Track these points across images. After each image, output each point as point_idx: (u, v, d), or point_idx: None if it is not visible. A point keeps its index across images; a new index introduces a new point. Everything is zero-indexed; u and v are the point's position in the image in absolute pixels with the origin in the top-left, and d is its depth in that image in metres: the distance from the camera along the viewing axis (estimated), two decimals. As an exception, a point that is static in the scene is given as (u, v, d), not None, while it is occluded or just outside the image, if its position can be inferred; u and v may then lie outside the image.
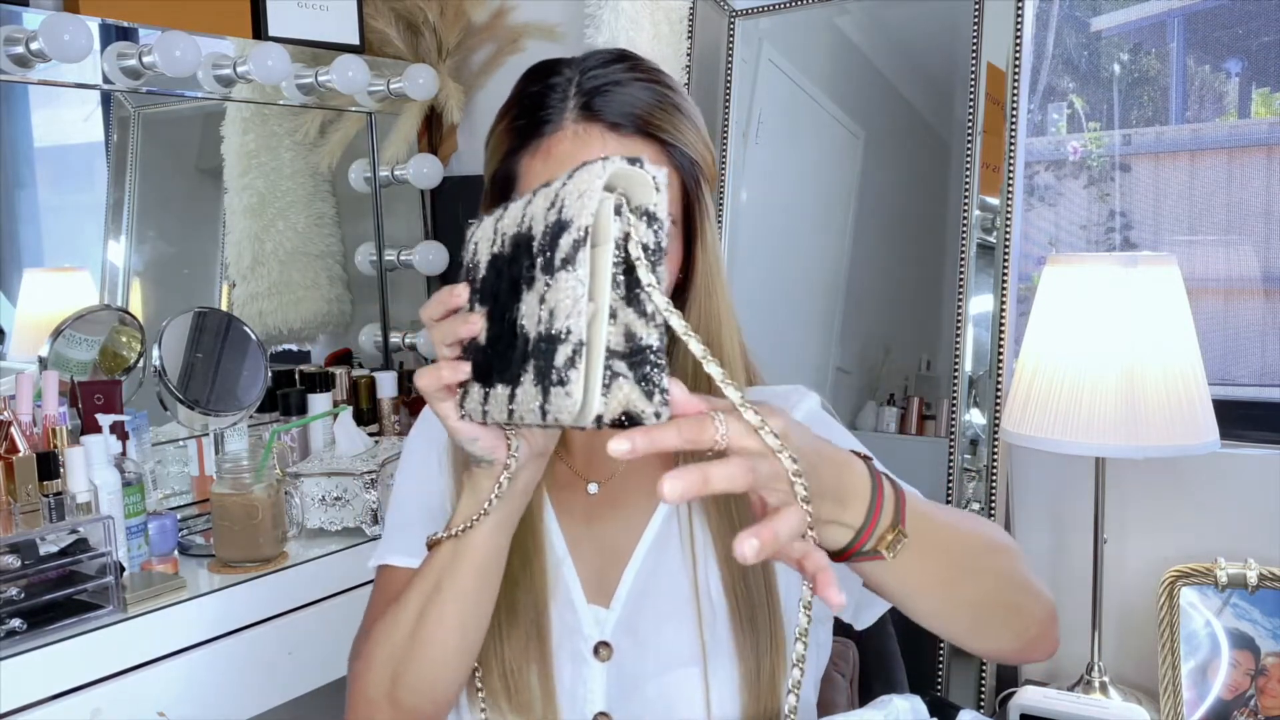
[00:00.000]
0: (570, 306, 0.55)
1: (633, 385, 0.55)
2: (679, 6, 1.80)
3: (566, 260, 0.56)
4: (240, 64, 1.67)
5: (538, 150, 0.83)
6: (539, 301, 0.58)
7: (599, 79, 0.83)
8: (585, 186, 0.56)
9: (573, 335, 0.55)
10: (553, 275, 0.57)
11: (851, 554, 0.67)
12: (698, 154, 0.85)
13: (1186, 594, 1.37)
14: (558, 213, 0.57)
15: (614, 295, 0.56)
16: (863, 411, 1.71)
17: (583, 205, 0.56)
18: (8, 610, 1.17)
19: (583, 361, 0.55)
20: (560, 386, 0.55)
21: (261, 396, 1.68)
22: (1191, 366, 1.33)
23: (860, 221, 1.75)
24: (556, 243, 0.57)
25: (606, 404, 0.55)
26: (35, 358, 1.49)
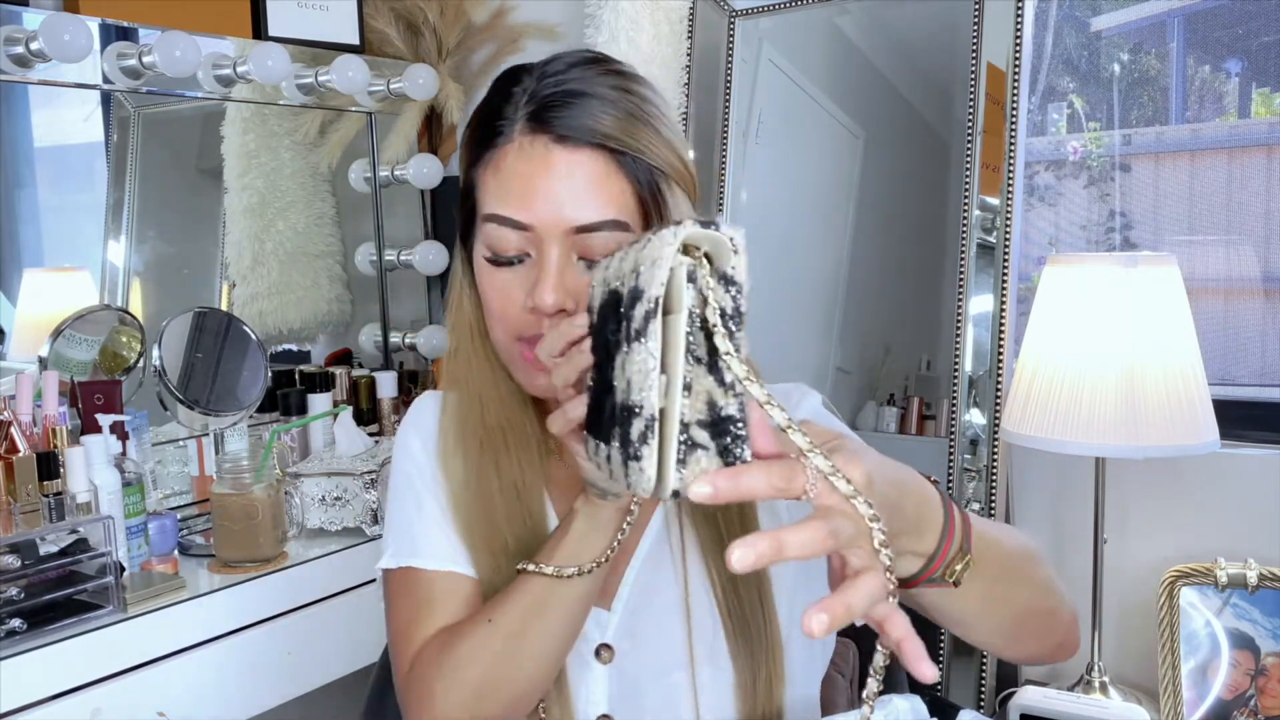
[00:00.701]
0: (642, 380, 0.54)
1: (711, 457, 0.54)
2: (679, 6, 1.80)
3: (639, 331, 0.54)
4: (240, 64, 1.67)
5: (489, 163, 0.83)
6: (622, 368, 0.57)
7: (553, 87, 0.81)
8: (658, 254, 0.54)
9: (645, 410, 0.54)
10: (629, 345, 0.56)
11: (920, 582, 0.66)
12: (659, 159, 0.82)
13: (1186, 594, 1.37)
14: (635, 278, 0.56)
15: (689, 365, 0.54)
16: (863, 411, 1.71)
17: (654, 274, 0.54)
18: (8, 610, 1.17)
19: (654, 438, 0.54)
20: (635, 461, 0.55)
21: (261, 396, 1.68)
22: (1191, 366, 1.33)
23: (860, 221, 1.75)
24: (632, 311, 0.56)
25: (683, 478, 0.54)
26: (35, 358, 1.49)
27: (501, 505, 0.88)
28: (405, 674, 0.86)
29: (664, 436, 0.54)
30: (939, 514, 0.65)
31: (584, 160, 0.80)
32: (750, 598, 0.86)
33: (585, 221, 0.79)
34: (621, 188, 0.80)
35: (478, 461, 0.89)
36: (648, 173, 0.81)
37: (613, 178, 0.80)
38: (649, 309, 0.54)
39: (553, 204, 0.79)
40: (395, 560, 0.90)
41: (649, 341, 0.54)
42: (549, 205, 0.79)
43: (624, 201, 0.81)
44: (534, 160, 0.80)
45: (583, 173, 0.79)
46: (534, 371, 0.83)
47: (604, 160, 0.80)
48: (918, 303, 1.69)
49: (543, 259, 0.80)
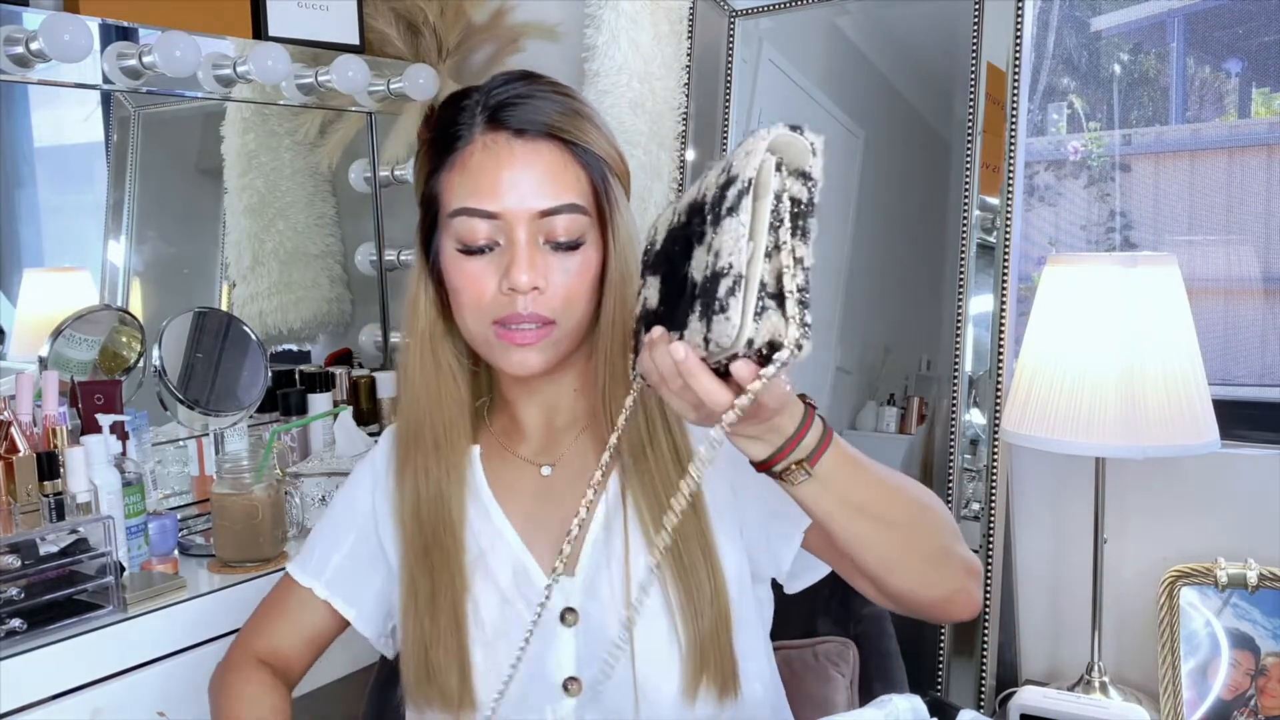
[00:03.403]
0: (732, 245, 0.64)
1: (780, 317, 0.64)
2: (679, 6, 1.80)
3: (732, 208, 0.64)
4: (240, 64, 1.67)
5: (454, 165, 0.91)
6: (707, 250, 0.66)
7: (502, 95, 0.91)
8: (751, 147, 0.64)
9: (734, 269, 0.64)
10: (719, 224, 0.65)
11: (764, 469, 0.76)
12: (604, 152, 0.92)
13: (1186, 594, 1.38)
14: (726, 173, 0.66)
15: (770, 239, 0.64)
16: (863, 411, 1.71)
17: (748, 161, 0.64)
18: (8, 610, 1.17)
19: (741, 291, 0.63)
20: (722, 314, 0.64)
21: (261, 396, 1.68)
22: (1191, 366, 1.33)
23: (860, 221, 1.75)
24: (724, 194, 0.65)
25: (758, 329, 0.64)
26: (35, 358, 1.49)
27: (425, 512, 0.97)
28: (224, 659, 1.06)
29: (746, 294, 0.64)
30: (792, 422, 0.75)
31: (542, 150, 0.89)
32: (692, 551, 0.91)
33: (548, 205, 0.88)
34: (577, 174, 0.90)
35: (412, 477, 0.98)
36: (597, 162, 0.91)
37: (569, 166, 0.90)
38: (742, 188, 0.64)
39: (517, 192, 0.88)
40: (292, 565, 1.07)
41: (741, 214, 0.64)
42: (514, 193, 0.88)
43: (580, 187, 0.90)
44: (498, 154, 0.89)
45: (542, 161, 0.89)
46: (512, 348, 0.90)
47: (559, 150, 0.90)
48: (918, 303, 1.69)
49: (513, 244, 0.89)
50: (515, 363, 0.91)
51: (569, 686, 0.92)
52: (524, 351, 0.90)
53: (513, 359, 0.91)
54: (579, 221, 0.90)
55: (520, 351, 0.90)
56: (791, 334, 0.64)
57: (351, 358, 2.02)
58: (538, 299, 0.89)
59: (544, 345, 0.90)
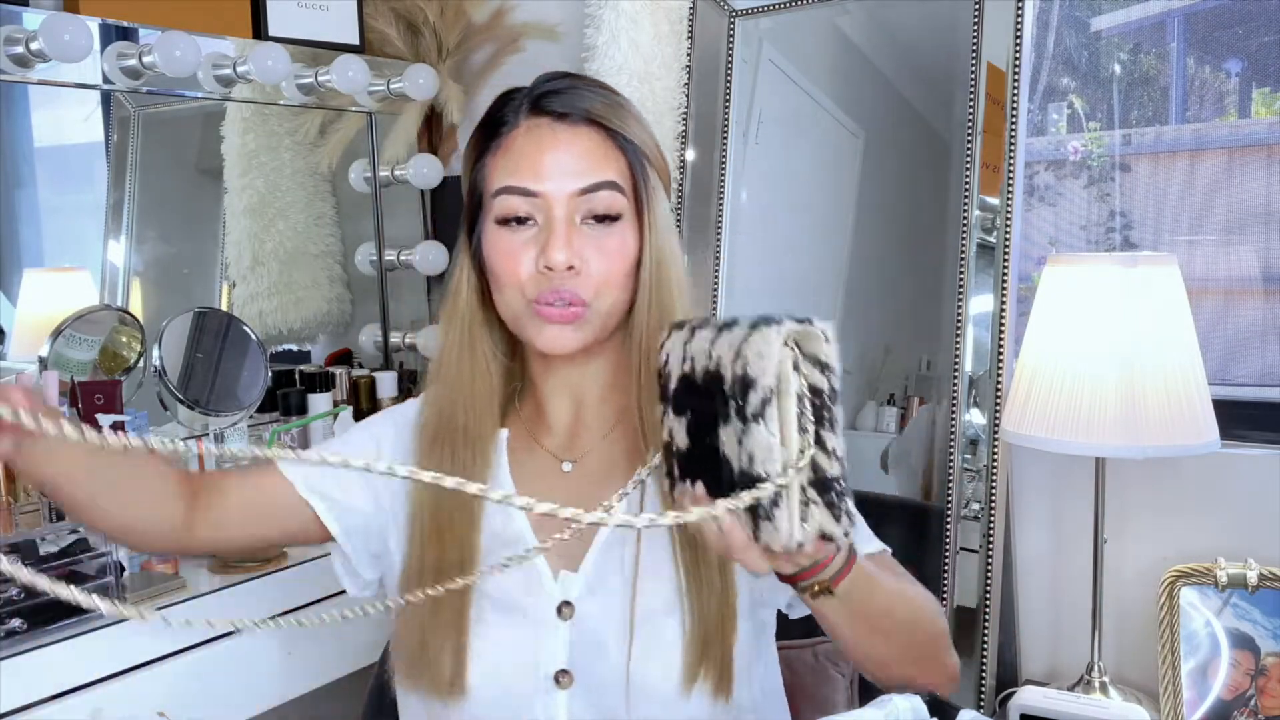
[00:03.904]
0: (766, 454, 0.65)
1: (824, 511, 0.66)
2: (679, 6, 1.80)
3: (757, 415, 0.65)
4: (240, 64, 1.67)
5: (498, 149, 0.94)
6: (737, 442, 0.67)
7: (548, 87, 0.95)
8: (764, 348, 0.65)
9: (772, 479, 0.65)
10: (746, 424, 0.66)
11: (791, 583, 0.79)
12: (642, 143, 0.95)
13: (1186, 594, 1.37)
14: (743, 368, 0.66)
15: (801, 441, 0.66)
16: (863, 411, 1.71)
17: (764, 366, 0.65)
18: (8, 610, 1.17)
19: (785, 502, 0.66)
20: (769, 521, 0.66)
21: (261, 396, 1.68)
22: (1191, 366, 1.33)
23: (860, 221, 1.75)
24: (747, 396, 0.66)
25: (806, 531, 0.66)
26: (35, 358, 1.49)
27: (445, 494, 0.95)
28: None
29: (790, 501, 0.66)
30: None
31: (581, 133, 0.93)
32: (708, 560, 0.93)
33: (586, 184, 0.91)
34: (616, 158, 0.93)
35: (437, 457, 0.97)
36: (635, 151, 0.94)
37: (608, 149, 0.93)
38: (765, 396, 0.65)
39: (558, 171, 0.91)
40: (283, 462, 1.00)
41: (769, 424, 0.65)
42: (555, 172, 0.91)
43: (619, 169, 0.93)
44: (540, 136, 0.92)
45: (581, 143, 0.92)
46: (547, 325, 0.92)
47: (598, 134, 0.93)
48: (918, 303, 1.69)
49: (551, 222, 0.91)
50: (549, 338, 0.92)
51: (560, 679, 0.93)
52: (559, 329, 0.92)
53: (546, 335, 0.92)
54: (617, 200, 0.92)
55: (555, 328, 0.92)
56: (839, 526, 0.67)
57: (351, 358, 2.02)
58: (573, 279, 0.91)
59: (578, 325, 0.92)
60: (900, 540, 1.63)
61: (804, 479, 0.66)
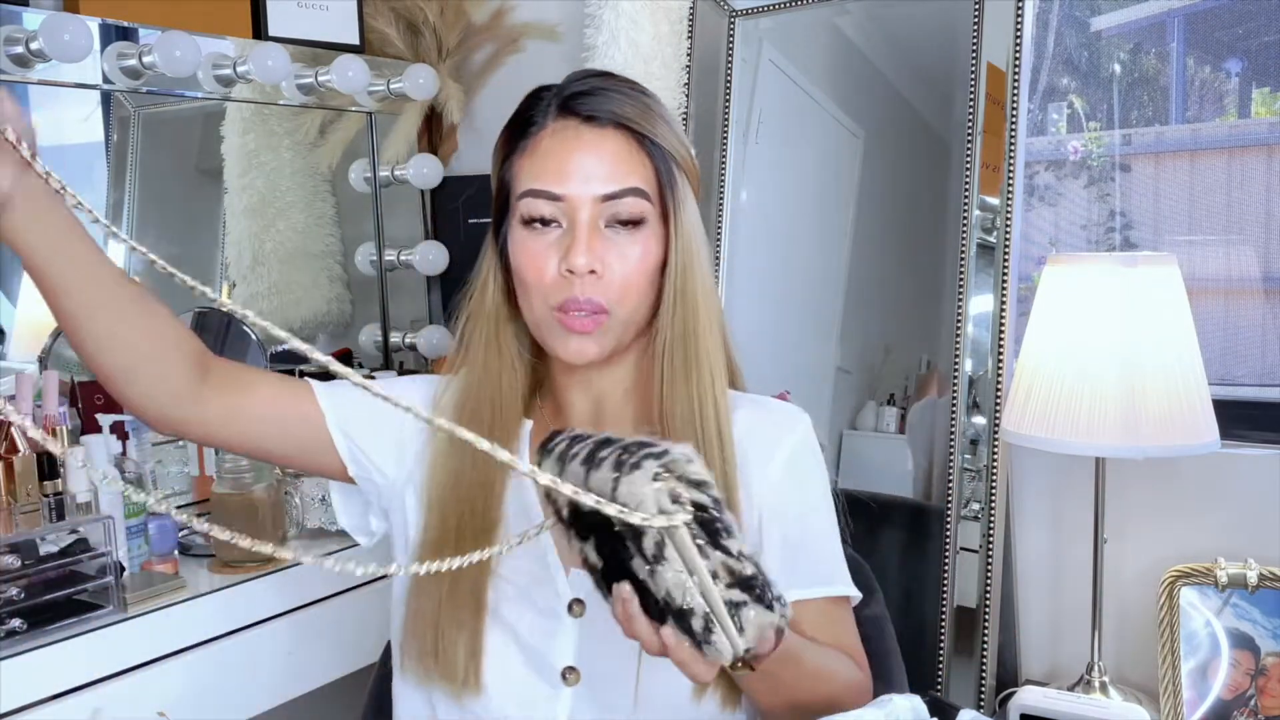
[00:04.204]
0: (681, 590, 0.67)
1: (757, 608, 0.67)
2: (679, 6, 1.80)
3: (657, 557, 0.67)
4: (240, 64, 1.67)
5: (525, 150, 0.93)
6: (649, 574, 0.69)
7: (577, 87, 0.93)
8: (636, 491, 0.66)
9: (698, 609, 0.67)
10: (651, 565, 0.68)
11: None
12: (671, 147, 0.94)
13: (1186, 594, 1.37)
14: (624, 517, 0.67)
15: (706, 565, 0.67)
16: (863, 411, 1.71)
17: (642, 509, 0.66)
18: (8, 610, 1.17)
19: (716, 624, 0.67)
20: (709, 645, 0.68)
21: (261, 396, 1.68)
22: (1191, 366, 1.33)
23: (860, 221, 1.75)
24: (640, 541, 0.68)
25: (745, 636, 0.67)
26: (35, 358, 1.49)
27: (466, 491, 0.96)
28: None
29: (720, 619, 0.67)
30: None
31: (609, 137, 0.92)
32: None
33: (611, 190, 0.91)
34: (643, 163, 0.92)
35: (460, 446, 0.94)
36: (664, 156, 0.93)
37: (635, 154, 0.92)
38: (657, 539, 0.67)
39: (583, 175, 0.90)
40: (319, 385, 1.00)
41: (672, 563, 0.67)
42: (580, 176, 0.90)
43: (645, 174, 0.92)
44: (567, 139, 0.92)
45: (608, 148, 0.91)
46: (571, 335, 0.92)
47: (626, 139, 0.92)
48: (918, 303, 1.69)
49: (574, 226, 0.91)
50: (573, 350, 0.92)
51: (567, 676, 0.93)
52: (581, 339, 0.92)
53: (570, 346, 0.92)
54: (642, 205, 0.92)
55: (578, 339, 0.92)
56: (775, 616, 0.68)
57: (351, 358, 2.02)
58: (595, 284, 0.90)
59: (600, 333, 0.92)
60: (900, 540, 1.63)
61: (724, 593, 0.67)
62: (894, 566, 1.59)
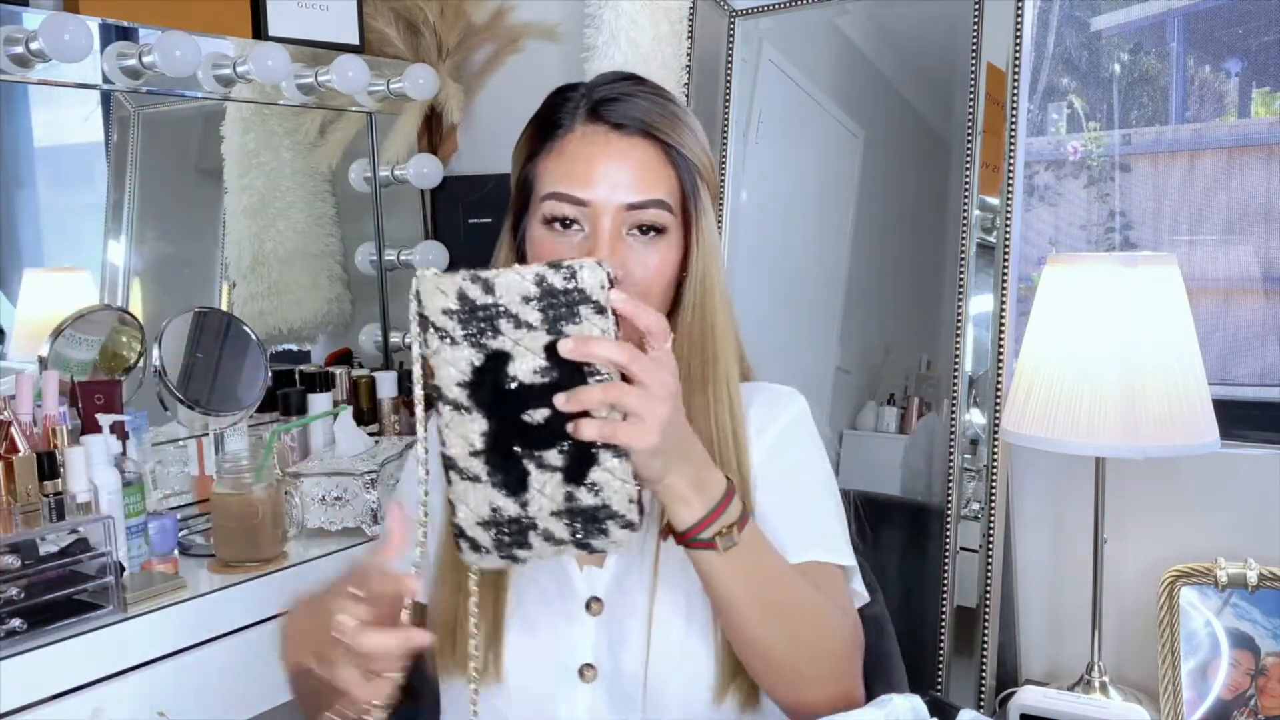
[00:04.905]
0: (513, 278, 0.72)
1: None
2: (679, 6, 1.80)
3: (487, 291, 0.74)
4: (240, 64, 1.67)
5: (551, 151, 0.93)
6: (516, 328, 0.72)
7: (606, 91, 0.93)
8: (421, 289, 0.74)
9: (531, 270, 0.72)
10: (493, 303, 0.73)
11: (693, 534, 0.80)
12: (695, 157, 0.94)
13: (1186, 594, 1.38)
14: (449, 316, 0.74)
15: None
16: (863, 411, 1.71)
17: (431, 294, 0.75)
18: (8, 610, 1.17)
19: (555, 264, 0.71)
20: (578, 271, 0.72)
21: (261, 396, 1.68)
22: (1191, 366, 1.33)
23: (860, 221, 1.75)
24: (473, 308, 0.74)
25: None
26: (35, 358, 1.49)
27: None
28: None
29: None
30: (721, 485, 0.81)
31: (637, 146, 0.92)
32: None
33: (636, 200, 0.91)
34: (668, 174, 0.92)
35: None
36: (688, 165, 0.93)
37: (662, 164, 0.92)
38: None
39: (609, 183, 0.90)
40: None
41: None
42: (605, 184, 0.90)
43: (669, 185, 0.92)
44: (595, 144, 0.92)
45: (635, 157, 0.91)
46: None
47: (653, 148, 0.92)
48: (918, 303, 1.69)
49: (597, 232, 0.90)
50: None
51: (584, 673, 0.94)
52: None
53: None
54: (664, 216, 0.92)
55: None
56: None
57: (351, 358, 2.02)
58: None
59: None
60: (900, 540, 1.63)
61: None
62: (894, 566, 1.59)
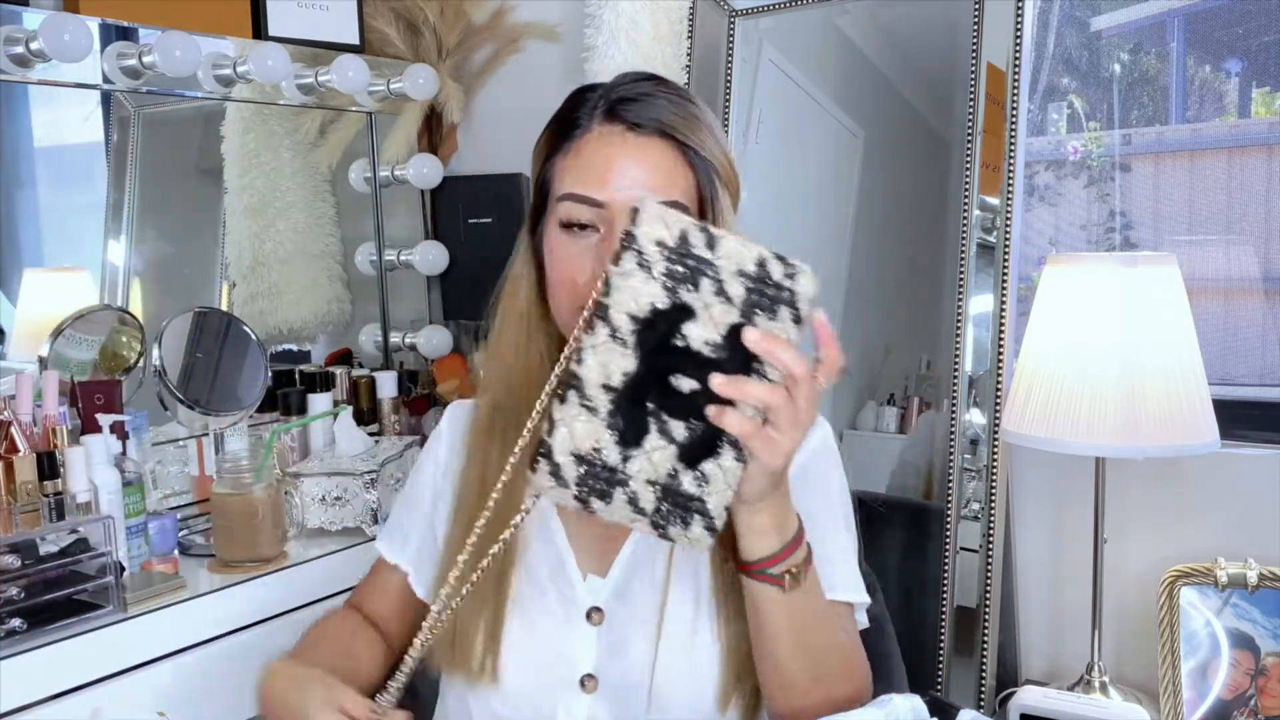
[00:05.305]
0: (744, 247, 0.74)
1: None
2: (679, 6, 1.80)
3: (710, 241, 0.72)
4: (240, 64, 1.67)
5: (568, 151, 0.93)
6: (718, 296, 0.74)
7: (623, 91, 0.93)
8: (660, 214, 0.72)
9: (765, 252, 0.76)
10: (714, 263, 0.73)
11: (761, 567, 0.82)
12: (714, 158, 0.93)
13: (1186, 594, 1.38)
14: (664, 249, 0.72)
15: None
16: (863, 411, 1.71)
17: (676, 218, 0.72)
18: (8, 610, 1.17)
19: (781, 255, 0.76)
20: (796, 275, 0.79)
21: (261, 396, 1.68)
22: (1191, 366, 1.33)
23: (860, 221, 1.75)
24: (690, 249, 0.72)
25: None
26: (35, 358, 1.49)
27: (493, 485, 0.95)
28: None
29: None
30: (794, 524, 0.83)
31: (653, 146, 0.91)
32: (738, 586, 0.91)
33: None
34: (685, 174, 0.91)
35: (488, 453, 0.99)
36: (706, 166, 0.92)
37: (678, 166, 0.91)
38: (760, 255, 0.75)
39: (625, 183, 0.90)
40: (379, 541, 1.11)
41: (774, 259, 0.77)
42: (622, 184, 0.90)
43: (686, 187, 0.91)
44: (612, 144, 0.91)
45: (652, 157, 0.91)
46: None
47: (670, 149, 0.91)
48: (918, 303, 1.69)
49: (612, 233, 0.89)
50: None
51: (585, 683, 0.93)
52: None
53: None
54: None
55: None
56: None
57: (351, 358, 2.02)
58: None
59: None
60: (900, 540, 1.63)
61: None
62: (894, 566, 1.59)
